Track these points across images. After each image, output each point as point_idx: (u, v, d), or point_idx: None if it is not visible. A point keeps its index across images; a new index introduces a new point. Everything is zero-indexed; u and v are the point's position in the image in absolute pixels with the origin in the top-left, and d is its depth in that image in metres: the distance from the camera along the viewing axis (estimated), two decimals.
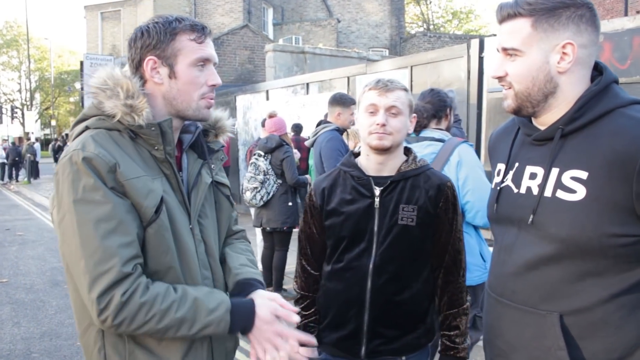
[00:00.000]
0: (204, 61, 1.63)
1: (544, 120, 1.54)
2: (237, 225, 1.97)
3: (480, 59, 7.19)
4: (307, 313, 2.25)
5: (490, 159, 1.87)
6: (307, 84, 10.71)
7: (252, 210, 6.28)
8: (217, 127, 1.87)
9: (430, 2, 41.60)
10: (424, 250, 2.10)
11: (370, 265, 2.05)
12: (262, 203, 5.89)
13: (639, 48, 5.94)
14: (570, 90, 1.48)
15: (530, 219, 1.50)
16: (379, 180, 2.08)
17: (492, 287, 1.67)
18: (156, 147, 1.57)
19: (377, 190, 2.07)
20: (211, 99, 1.67)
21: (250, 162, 6.08)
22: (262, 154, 5.93)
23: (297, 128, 8.65)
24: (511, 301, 1.56)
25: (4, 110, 52.52)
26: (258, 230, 6.46)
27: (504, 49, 1.52)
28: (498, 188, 1.67)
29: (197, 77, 1.62)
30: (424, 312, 2.13)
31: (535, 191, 1.51)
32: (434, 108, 3.38)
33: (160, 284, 1.49)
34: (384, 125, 2.00)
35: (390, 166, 2.10)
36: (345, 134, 5.44)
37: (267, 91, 11.90)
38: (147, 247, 1.52)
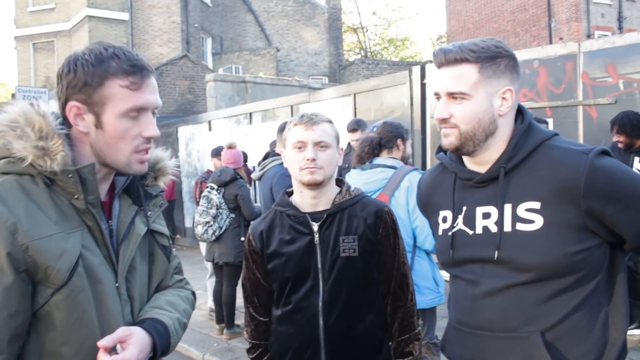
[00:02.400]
0: (139, 110, 1.42)
1: (481, 160, 1.65)
2: (179, 275, 1.77)
3: (423, 85, 7.34)
4: None
5: (424, 208, 1.93)
6: (250, 114, 10.67)
7: (202, 245, 6.10)
8: (157, 168, 1.69)
9: (367, 30, 42.53)
10: (371, 280, 2.07)
11: (320, 303, 2.01)
12: (214, 238, 5.73)
13: (571, 73, 6.19)
14: (505, 131, 1.62)
15: (496, 255, 1.57)
16: (315, 216, 2.05)
17: (465, 323, 1.69)
18: (76, 196, 1.37)
19: (315, 226, 2.03)
20: (147, 151, 1.48)
21: (203, 195, 5.92)
22: (215, 187, 5.79)
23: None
24: (491, 331, 1.60)
25: None
26: (209, 265, 6.28)
27: (450, 94, 1.61)
28: (450, 234, 1.71)
29: (127, 130, 1.41)
30: (379, 342, 2.10)
31: (493, 229, 1.60)
32: (381, 138, 3.52)
33: None
34: (314, 159, 1.98)
35: (325, 200, 2.07)
36: None
37: (209, 122, 11.78)
38: (52, 317, 1.31)
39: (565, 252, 1.50)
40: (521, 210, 1.55)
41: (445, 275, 6.96)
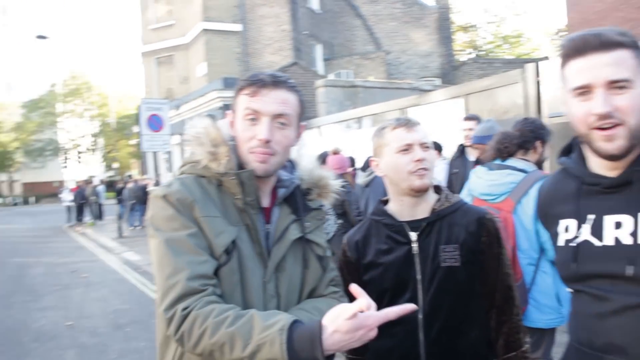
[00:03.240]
0: (254, 114, 1.63)
1: (615, 163, 1.43)
2: (335, 287, 1.80)
3: (537, 84, 6.98)
4: None
5: (543, 218, 1.74)
6: (360, 118, 10.69)
7: None
8: (320, 185, 1.85)
9: (479, 29, 41.34)
10: (474, 292, 1.94)
11: (420, 316, 1.91)
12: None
13: None
14: None
15: (629, 271, 1.37)
16: (413, 224, 1.97)
17: (587, 343, 1.51)
18: (237, 197, 1.63)
19: (413, 235, 1.95)
20: (263, 154, 1.63)
21: None
22: None
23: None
24: (619, 356, 1.41)
25: (70, 156, 55.12)
26: None
27: (612, 82, 1.36)
28: (573, 245, 1.53)
29: (244, 131, 1.65)
30: None
31: (626, 240, 1.40)
32: (521, 137, 3.24)
33: (224, 304, 1.47)
34: (423, 160, 1.91)
35: (423, 208, 1.99)
36: None
37: (319, 127, 11.95)
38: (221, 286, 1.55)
39: None
40: None
41: None
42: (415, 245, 1.95)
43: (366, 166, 5.12)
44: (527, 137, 3.23)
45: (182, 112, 20.96)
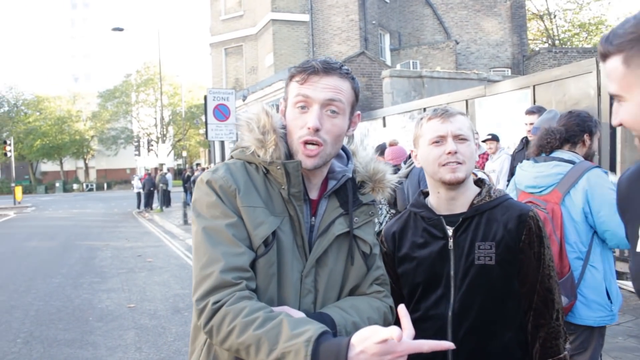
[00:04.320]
0: (304, 101, 1.57)
1: None
2: (380, 287, 1.73)
3: None
4: None
5: (623, 211, 1.48)
6: (425, 109, 10.49)
7: None
8: (375, 179, 1.77)
9: (555, 16, 39.74)
10: (511, 292, 1.85)
11: (449, 313, 1.85)
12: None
13: None
14: None
15: None
16: (451, 219, 1.90)
17: None
18: (283, 187, 1.59)
19: (449, 230, 1.88)
20: (312, 144, 1.56)
21: None
22: None
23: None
24: None
25: (141, 143, 57.18)
26: None
27: (611, 95, 1.25)
28: None
29: (295, 119, 1.60)
30: None
31: None
32: (567, 131, 3.14)
33: (257, 302, 1.44)
34: (455, 152, 1.82)
35: (462, 201, 1.91)
36: None
37: (383, 118, 11.82)
38: (256, 277, 1.52)
39: None
40: None
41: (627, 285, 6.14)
42: (451, 241, 1.89)
43: (408, 157, 5.10)
44: (573, 131, 3.13)
45: (249, 102, 21.25)
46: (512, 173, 6.14)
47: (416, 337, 1.85)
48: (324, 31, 23.98)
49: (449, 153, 1.83)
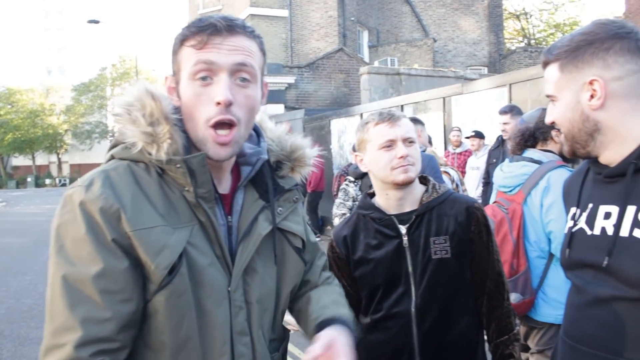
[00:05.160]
0: (208, 69, 1.24)
1: (607, 159, 1.46)
2: (326, 272, 1.67)
3: None
4: None
5: (565, 204, 1.75)
6: (402, 106, 10.51)
7: None
8: (294, 158, 1.52)
9: (531, 16, 40.18)
10: (465, 281, 1.94)
11: (413, 309, 1.91)
12: None
13: None
14: (619, 125, 1.40)
15: (605, 262, 1.37)
16: (402, 218, 1.94)
17: (568, 333, 1.53)
18: (186, 188, 1.26)
19: (402, 229, 1.92)
20: (223, 124, 1.26)
21: (341, 187, 5.94)
22: (353, 179, 5.77)
23: None
24: (590, 347, 1.42)
25: None
26: None
27: (547, 96, 1.55)
28: (571, 232, 1.56)
29: (197, 95, 1.25)
30: (474, 346, 1.97)
31: (610, 231, 1.40)
32: (536, 129, 3.20)
33: None
34: (407, 155, 1.88)
35: (411, 200, 1.97)
36: None
37: (361, 114, 11.80)
38: (156, 317, 1.22)
39: None
40: None
41: None
42: (405, 239, 1.93)
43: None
44: (542, 128, 3.19)
45: None
46: (487, 171, 6.21)
47: (381, 335, 1.95)
48: (302, 27, 23.91)
49: (401, 157, 1.88)
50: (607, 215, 1.42)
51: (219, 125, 1.26)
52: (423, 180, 2.06)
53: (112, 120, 53.45)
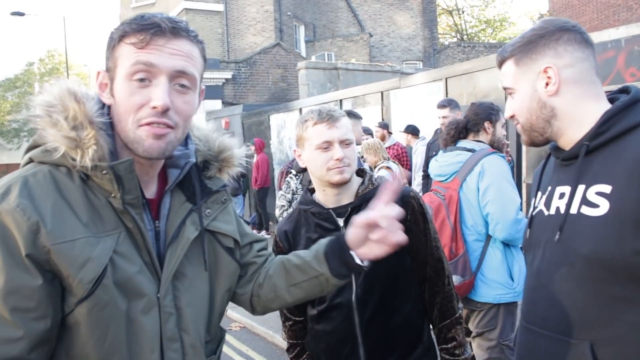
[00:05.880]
0: (147, 71, 1.20)
1: (565, 143, 1.54)
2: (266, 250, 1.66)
3: None
4: None
5: (532, 194, 1.81)
6: (341, 101, 10.57)
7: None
8: (222, 158, 1.49)
9: (463, 12, 41.19)
10: (404, 268, 1.99)
11: (353, 299, 1.95)
12: None
13: None
14: (573, 110, 1.50)
15: (557, 237, 1.45)
16: (339, 211, 1.99)
17: (524, 315, 1.61)
18: (112, 195, 1.21)
19: (340, 221, 1.96)
20: (157, 124, 1.21)
21: (285, 180, 6.01)
22: (295, 173, 5.81)
23: None
24: (543, 329, 1.49)
25: None
26: None
27: (505, 89, 1.63)
28: (531, 214, 1.66)
29: (131, 95, 1.21)
30: (419, 331, 2.03)
31: (562, 210, 1.48)
32: (468, 121, 3.39)
33: None
34: (344, 158, 1.91)
35: (348, 194, 2.01)
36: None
37: (300, 109, 11.79)
38: (78, 329, 1.18)
39: (623, 248, 1.29)
40: (591, 193, 1.39)
41: None
42: (343, 231, 1.90)
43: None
44: (473, 119, 3.38)
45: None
46: (427, 163, 6.32)
47: (326, 325, 2.01)
48: (238, 22, 23.66)
49: (337, 159, 1.90)
50: (562, 196, 1.50)
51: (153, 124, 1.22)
52: (360, 172, 2.10)
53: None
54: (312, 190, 2.14)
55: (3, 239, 1.10)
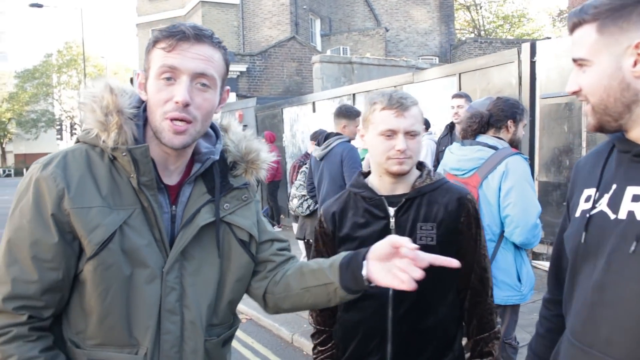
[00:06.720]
0: (171, 71, 1.39)
1: (637, 135, 1.30)
2: (288, 251, 1.73)
3: (532, 64, 6.85)
4: (324, 348, 2.11)
5: (571, 187, 1.58)
6: (354, 95, 10.52)
7: (295, 225, 6.11)
8: (249, 159, 1.64)
9: (481, 8, 40.86)
10: (448, 271, 1.87)
11: (390, 292, 1.88)
12: (308, 212, 5.69)
13: None
14: None
15: (633, 248, 1.20)
16: (392, 200, 1.92)
17: (578, 335, 1.34)
18: (131, 175, 1.41)
19: (391, 210, 1.90)
20: (180, 119, 1.40)
21: (301, 170, 6.01)
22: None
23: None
24: (605, 354, 1.24)
25: (64, 127, 54.85)
26: (301, 244, 6.25)
27: (574, 60, 1.35)
28: (587, 215, 1.36)
29: (159, 91, 1.40)
30: (451, 339, 1.95)
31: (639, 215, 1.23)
32: (491, 116, 3.25)
33: (33, 346, 1.34)
34: (406, 150, 1.85)
35: (404, 183, 1.94)
36: None
37: (313, 103, 11.76)
38: (85, 284, 1.39)
39: None
40: None
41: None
42: (392, 221, 1.90)
43: (323, 140, 5.17)
44: (497, 115, 3.24)
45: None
46: (437, 158, 6.28)
47: (357, 314, 1.95)
48: (254, 14, 23.67)
49: (399, 150, 1.84)
50: (637, 198, 1.25)
51: (175, 119, 1.40)
52: (419, 165, 2.03)
53: (58, 109, 51.52)
54: (365, 174, 2.07)
55: (36, 199, 1.36)
